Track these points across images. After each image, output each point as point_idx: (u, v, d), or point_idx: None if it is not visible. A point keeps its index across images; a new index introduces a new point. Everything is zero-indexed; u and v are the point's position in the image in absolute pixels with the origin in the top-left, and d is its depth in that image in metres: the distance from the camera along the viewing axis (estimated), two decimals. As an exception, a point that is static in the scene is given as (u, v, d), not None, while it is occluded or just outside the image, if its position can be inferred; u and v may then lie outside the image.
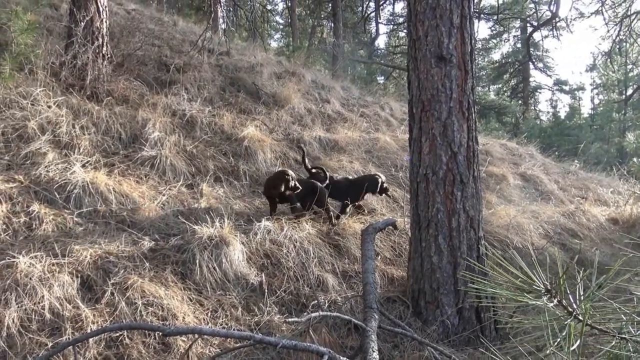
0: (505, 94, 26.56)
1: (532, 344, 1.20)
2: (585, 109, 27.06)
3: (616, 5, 9.15)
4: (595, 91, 26.74)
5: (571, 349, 1.02)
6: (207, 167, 5.63)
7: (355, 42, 21.84)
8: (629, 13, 8.52)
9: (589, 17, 9.04)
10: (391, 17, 23.54)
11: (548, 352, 0.99)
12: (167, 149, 5.45)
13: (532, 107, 26.63)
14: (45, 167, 4.57)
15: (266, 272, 4.18)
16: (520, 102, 25.35)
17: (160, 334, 2.78)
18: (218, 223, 4.25)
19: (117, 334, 3.13)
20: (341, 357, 2.34)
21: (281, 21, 23.82)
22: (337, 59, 14.91)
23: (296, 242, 4.51)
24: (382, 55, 25.58)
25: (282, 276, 4.21)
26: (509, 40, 25.97)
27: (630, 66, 22.64)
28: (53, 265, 3.48)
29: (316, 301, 3.90)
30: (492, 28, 24.14)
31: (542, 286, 1.14)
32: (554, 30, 11.22)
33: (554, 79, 26.07)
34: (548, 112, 27.36)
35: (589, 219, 6.75)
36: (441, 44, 3.99)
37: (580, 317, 1.14)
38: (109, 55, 6.42)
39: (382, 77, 24.06)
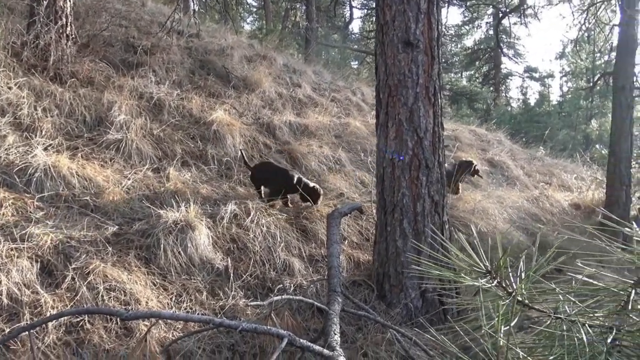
0: (477, 80, 26.85)
1: (474, 324, 1.23)
2: (554, 96, 27.53)
3: (583, -7, 9.32)
4: (564, 79, 27.25)
5: (504, 328, 1.05)
6: (175, 151, 5.56)
7: (328, 26, 21.71)
8: (595, 1, 8.69)
9: (557, 4, 9.21)
10: (365, 2, 23.47)
11: (482, 332, 1.01)
12: (134, 133, 5.35)
13: (503, 94, 27.03)
14: (5, 150, 4.43)
15: (232, 257, 4.18)
16: (491, 88, 25.67)
17: (119, 318, 2.75)
18: (184, 207, 4.21)
19: (78, 319, 3.09)
20: (301, 340, 2.36)
21: (254, 4, 23.49)
22: (310, 43, 14.80)
23: (263, 227, 4.51)
24: (356, 40, 25.51)
25: (248, 260, 4.20)
26: (481, 27, 26.16)
27: (597, 54, 23.08)
28: (11, 250, 3.40)
29: (281, 285, 3.92)
30: (465, 14, 24.26)
31: (483, 268, 1.17)
32: (522, 17, 11.36)
33: (524, 66, 26.48)
34: (518, 99, 27.83)
35: (552, 204, 6.93)
36: (408, 29, 3.99)
37: (519, 298, 1.17)
38: (73, 36, 6.23)
39: (356, 62, 24.02)
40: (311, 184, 5.21)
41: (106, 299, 3.31)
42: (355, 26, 29.31)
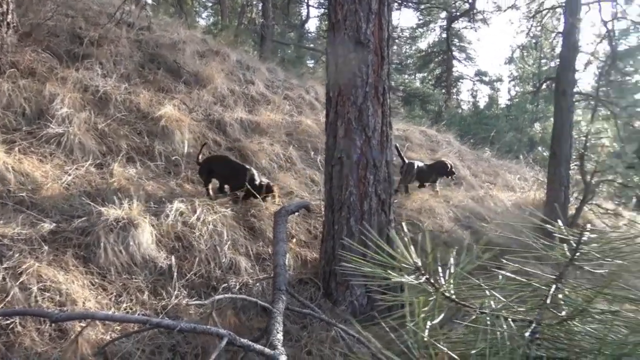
0: (430, 82, 27.38)
1: (400, 321, 1.23)
2: (503, 100, 28.41)
3: (531, 1, 9.65)
4: (512, 83, 28.15)
5: (430, 324, 1.06)
6: (120, 146, 5.39)
7: (285, 24, 21.62)
8: (541, 9, 9.03)
9: (505, 10, 9.49)
10: (322, 1, 23.51)
11: (407, 327, 1.02)
12: (76, 127, 5.14)
13: (455, 96, 27.67)
14: None
15: (176, 255, 4.08)
16: (443, 91, 26.23)
17: (50, 320, 2.63)
18: (127, 204, 4.09)
19: (8, 321, 2.94)
20: (241, 339, 2.33)
21: (210, -2, 23.10)
22: (265, 40, 14.69)
23: (209, 225, 4.44)
24: (312, 38, 25.52)
25: (193, 259, 4.12)
26: (434, 30, 26.69)
27: (544, 60, 23.98)
28: (-63, 248, 3.21)
29: (226, 284, 3.86)
30: (419, 17, 24.70)
31: (413, 264, 1.17)
32: (472, 21, 11.66)
33: (475, 70, 27.20)
34: (469, 102, 28.55)
35: (496, 204, 7.14)
36: (359, 29, 4.01)
37: (447, 294, 1.19)
38: (14, 24, 5.94)
39: (312, 61, 24.04)
40: (265, 181, 5.22)
41: (40, 300, 3.16)
42: (312, 25, 29.34)
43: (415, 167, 6.68)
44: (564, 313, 1.16)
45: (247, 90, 8.17)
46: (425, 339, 1.07)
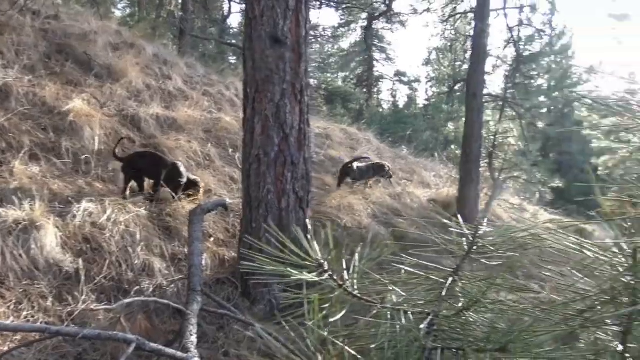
0: (351, 81, 27.87)
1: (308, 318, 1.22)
2: (421, 100, 29.46)
3: (445, 5, 10.07)
4: (429, 84, 29.26)
5: (331, 320, 1.06)
6: (22, 142, 5.01)
7: (206, 19, 21.11)
8: (453, 13, 9.44)
9: (421, 13, 9.85)
10: (244, -4, 23.18)
11: (308, 324, 1.01)
12: (-29, 121, 4.74)
13: (375, 96, 28.34)
14: None
15: (84, 258, 3.86)
16: (364, 90, 26.80)
17: None
18: (28, 205, 3.81)
19: None
20: (151, 344, 2.24)
21: (127, -12, 22.08)
22: (184, 34, 14.26)
23: (121, 225, 4.24)
24: (234, 34, 25.11)
25: (103, 262, 3.92)
26: (356, 30, 27.17)
27: (458, 63, 25.11)
28: None
29: (138, 287, 3.71)
30: (341, 17, 25.03)
31: (315, 261, 1.17)
32: (390, 23, 12.00)
33: (394, 70, 28.00)
34: (389, 101, 29.37)
35: (413, 200, 7.38)
36: (277, 26, 3.99)
37: (349, 289, 1.20)
38: None
39: (235, 57, 23.65)
40: (192, 177, 5.12)
41: None
42: (234, 20, 28.89)
43: (355, 167, 7.07)
44: (461, 304, 1.20)
45: (164, 85, 7.89)
46: (324, 336, 1.07)
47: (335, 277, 1.22)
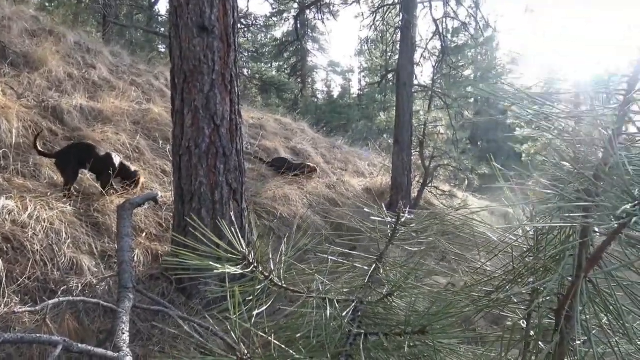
0: (286, 71, 27.76)
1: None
2: (355, 90, 29.86)
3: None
4: (362, 74, 29.68)
5: (256, 312, 1.07)
6: None
7: (132, 5, 20.28)
8: (382, 4, 9.61)
9: (351, 4, 9.92)
10: (172, -17, 22.42)
11: (233, 318, 1.02)
12: None
13: (310, 86, 28.41)
14: None
15: (5, 258, 3.64)
16: (299, 80, 26.79)
17: None
18: (-63, 204, 3.55)
19: None
20: (79, 345, 2.16)
21: (43, -28, 20.77)
22: (107, 21, 13.66)
23: (45, 222, 4.03)
24: (163, 22, 24.30)
25: (26, 262, 3.71)
26: (288, 20, 27.02)
27: (390, 53, 25.59)
28: None
29: (65, 286, 3.56)
30: (273, 6, 24.79)
31: (240, 254, 1.18)
32: (320, 13, 12.05)
33: (328, 60, 28.17)
34: (323, 91, 29.54)
35: (348, 189, 7.50)
36: (203, 14, 3.90)
37: (276, 281, 1.21)
38: None
39: (163, 46, 22.90)
40: (133, 168, 4.96)
41: None
42: (162, 7, 27.89)
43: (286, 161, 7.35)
44: (385, 290, 1.24)
45: (88, 75, 7.54)
46: (247, 328, 1.08)
47: (260, 269, 1.23)
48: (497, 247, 0.90)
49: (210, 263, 1.08)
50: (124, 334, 2.66)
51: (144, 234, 4.64)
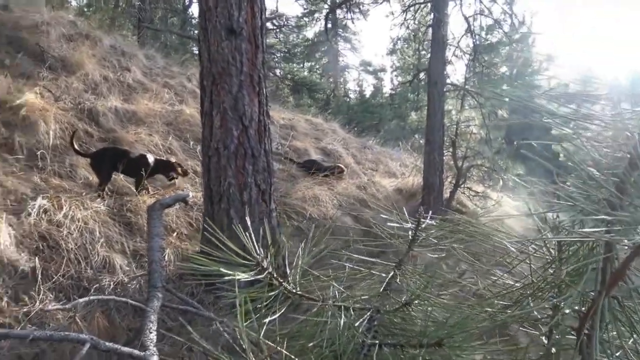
0: (318, 71, 27.78)
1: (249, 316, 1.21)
2: (387, 89, 29.59)
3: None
4: (395, 73, 29.40)
5: (269, 319, 1.06)
6: (-28, 139, 4.84)
7: (165, 8, 20.65)
8: (414, 3, 9.50)
9: (381, 3, 9.81)
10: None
11: (240, 327, 1.00)
12: None
13: (342, 86, 28.33)
14: None
15: (41, 257, 3.76)
16: (330, 80, 26.75)
17: None
18: (-22, 204, 3.69)
19: None
20: (106, 343, 2.19)
21: (82, -23, 21.37)
22: (142, 25, 13.95)
23: (79, 222, 4.14)
24: (196, 24, 24.67)
25: (61, 260, 3.82)
26: (320, 20, 27.02)
27: (423, 52, 25.27)
28: None
29: (98, 285, 3.64)
30: (304, 6, 24.84)
31: (254, 260, 1.16)
32: (349, 12, 11.99)
33: (360, 60, 28.04)
34: (355, 91, 29.39)
35: (379, 190, 7.44)
36: (231, 17, 3.93)
37: (290, 287, 1.19)
38: None
39: (196, 48, 23.25)
40: (165, 158, 5.17)
41: None
42: (196, 10, 28.31)
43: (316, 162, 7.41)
44: (404, 299, 1.21)
45: (123, 77, 7.71)
46: (248, 336, 1.07)
47: (275, 275, 1.21)
48: (516, 258, 0.86)
49: (220, 269, 1.07)
50: (151, 332, 2.69)
51: (175, 233, 4.71)
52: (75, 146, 4.97)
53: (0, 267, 3.51)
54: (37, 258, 3.73)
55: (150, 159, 5.08)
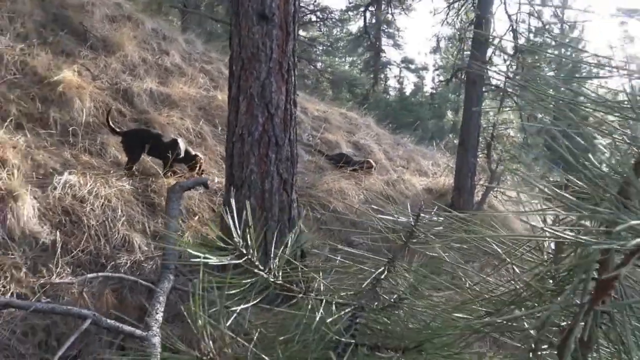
0: (358, 66, 27.59)
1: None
2: (428, 88, 29.16)
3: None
4: (437, 72, 28.94)
5: (243, 306, 1.00)
6: (9, 111, 4.95)
7: (212, -4, 20.84)
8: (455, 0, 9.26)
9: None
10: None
11: (200, 314, 0.95)
12: (-44, 87, 4.68)
13: (382, 82, 28.05)
14: None
15: (62, 230, 3.82)
16: (371, 75, 26.52)
17: None
18: (5, 174, 3.76)
19: None
20: (108, 321, 2.20)
21: (133, -39, 21.78)
22: (186, 10, 14.13)
23: (103, 199, 4.19)
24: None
25: (81, 235, 3.87)
26: (364, 15, 26.78)
27: (466, 50, 24.73)
28: None
29: (114, 262, 3.67)
30: (350, 0, 24.67)
31: (233, 244, 1.11)
32: (390, 7, 11.79)
33: (402, 57, 27.68)
34: (395, 88, 29.08)
35: (408, 187, 7.30)
36: (264, 2, 3.87)
37: (269, 276, 1.13)
38: None
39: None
40: (193, 152, 5.19)
41: None
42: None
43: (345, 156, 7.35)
44: (393, 299, 1.13)
45: (161, 60, 7.79)
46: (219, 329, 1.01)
47: (255, 261, 1.15)
48: (503, 261, 0.77)
49: (189, 251, 1.01)
50: (157, 313, 2.69)
51: (197, 217, 4.72)
52: (111, 123, 5.04)
53: (21, 238, 3.58)
54: (58, 232, 3.79)
55: (182, 146, 5.12)
